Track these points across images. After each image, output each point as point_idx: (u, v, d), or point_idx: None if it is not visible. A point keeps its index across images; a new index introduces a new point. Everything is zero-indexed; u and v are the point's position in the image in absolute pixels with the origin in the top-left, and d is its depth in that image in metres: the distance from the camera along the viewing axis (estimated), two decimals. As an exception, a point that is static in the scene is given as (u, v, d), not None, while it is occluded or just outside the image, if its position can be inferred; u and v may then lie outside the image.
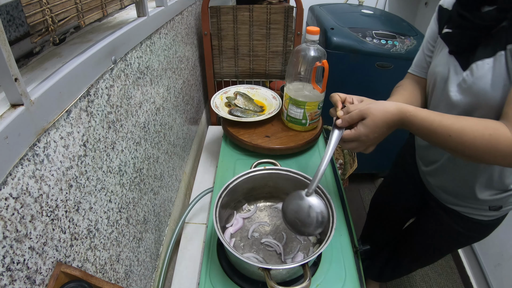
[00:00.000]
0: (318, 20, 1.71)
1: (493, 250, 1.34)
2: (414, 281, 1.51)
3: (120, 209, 0.61)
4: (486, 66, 0.58)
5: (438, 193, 0.86)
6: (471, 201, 0.78)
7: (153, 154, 0.81)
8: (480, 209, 0.79)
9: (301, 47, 0.88)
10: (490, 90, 0.58)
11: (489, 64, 0.58)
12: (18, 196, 0.35)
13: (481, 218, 0.80)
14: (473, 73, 0.60)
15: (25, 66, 0.47)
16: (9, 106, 0.35)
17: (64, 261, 0.43)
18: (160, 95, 0.85)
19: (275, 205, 0.82)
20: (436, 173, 0.83)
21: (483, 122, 0.54)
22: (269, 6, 1.18)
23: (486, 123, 0.54)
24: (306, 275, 0.55)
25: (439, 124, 0.56)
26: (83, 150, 0.48)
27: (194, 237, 0.89)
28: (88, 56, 0.48)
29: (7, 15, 0.44)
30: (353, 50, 1.46)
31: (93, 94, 0.51)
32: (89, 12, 0.49)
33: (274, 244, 0.72)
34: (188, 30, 1.13)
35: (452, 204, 0.83)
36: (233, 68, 1.31)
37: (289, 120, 0.98)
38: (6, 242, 0.33)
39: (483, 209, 0.78)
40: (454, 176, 0.78)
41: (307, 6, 1.87)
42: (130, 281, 0.66)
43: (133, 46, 0.65)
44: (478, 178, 0.72)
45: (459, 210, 0.82)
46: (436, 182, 0.85)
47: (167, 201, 0.94)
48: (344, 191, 0.90)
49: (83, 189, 0.48)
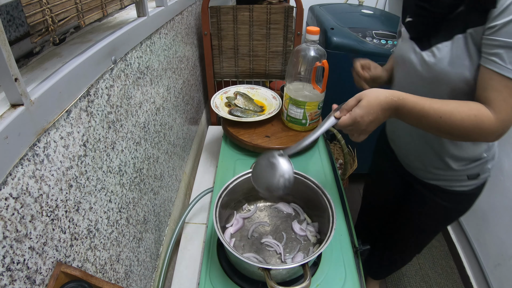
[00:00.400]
0: (318, 20, 1.71)
1: (493, 250, 1.34)
2: (414, 281, 1.51)
3: (120, 209, 0.61)
4: (445, 48, 0.64)
5: (415, 170, 0.89)
6: (448, 174, 0.81)
7: (153, 154, 0.81)
8: (459, 180, 0.81)
9: (301, 47, 0.88)
10: (450, 69, 0.64)
11: (447, 47, 0.64)
12: (18, 196, 0.35)
13: (462, 188, 0.83)
14: (435, 55, 0.66)
15: (25, 66, 0.47)
16: (9, 106, 0.35)
17: (64, 261, 0.43)
18: (160, 95, 0.85)
19: (275, 205, 0.82)
20: (409, 151, 0.88)
21: (466, 104, 0.59)
22: (269, 6, 1.18)
23: (468, 105, 0.59)
24: (306, 275, 0.55)
25: (430, 106, 0.59)
26: (83, 150, 0.48)
27: (194, 237, 0.89)
28: (88, 56, 0.48)
29: (7, 15, 0.44)
30: (353, 50, 1.46)
31: (93, 94, 0.51)
32: (89, 12, 0.49)
33: (274, 244, 0.72)
34: (188, 30, 1.13)
35: (431, 179, 0.86)
36: (233, 68, 1.31)
37: (289, 120, 0.98)
38: (6, 242, 0.33)
39: (461, 180, 0.81)
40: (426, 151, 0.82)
41: (307, 6, 1.87)
42: (130, 281, 0.66)
43: (133, 46, 0.65)
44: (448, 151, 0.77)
45: (439, 184, 0.85)
46: (411, 160, 0.88)
47: (167, 201, 0.94)
48: (344, 191, 0.90)
49: (83, 189, 0.48)
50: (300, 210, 0.80)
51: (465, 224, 1.53)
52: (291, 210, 0.81)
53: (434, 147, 0.79)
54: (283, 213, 0.80)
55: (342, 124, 0.62)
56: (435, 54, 0.67)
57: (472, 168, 0.79)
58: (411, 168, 0.91)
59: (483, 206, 1.41)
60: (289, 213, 0.80)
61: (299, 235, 0.74)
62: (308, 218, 0.79)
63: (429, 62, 0.68)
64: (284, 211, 0.81)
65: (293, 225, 0.76)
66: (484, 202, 1.40)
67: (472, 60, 0.61)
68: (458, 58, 0.63)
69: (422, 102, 0.60)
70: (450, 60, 0.64)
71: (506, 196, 1.28)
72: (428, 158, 0.82)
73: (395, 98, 0.60)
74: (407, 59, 0.74)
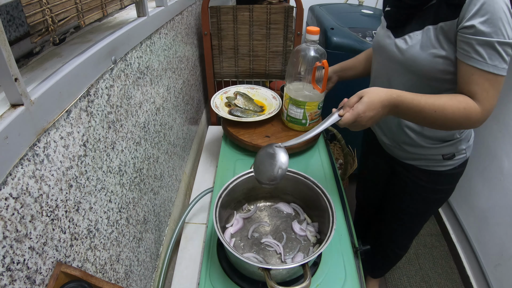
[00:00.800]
0: (318, 20, 1.71)
1: (493, 250, 1.34)
2: (414, 281, 1.51)
3: (120, 209, 0.61)
4: (416, 37, 0.71)
5: (394, 151, 0.93)
6: (423, 153, 0.85)
7: (153, 154, 0.81)
8: (434, 160, 0.85)
9: (301, 47, 0.88)
10: (419, 55, 0.70)
11: (418, 36, 0.70)
12: (18, 196, 0.35)
13: (440, 168, 0.86)
14: (407, 42, 0.73)
15: (25, 66, 0.47)
16: (9, 106, 0.35)
17: (64, 261, 0.43)
18: (160, 95, 0.85)
19: (275, 205, 0.82)
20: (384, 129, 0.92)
21: (454, 98, 0.64)
22: (269, 6, 1.18)
23: (457, 98, 0.64)
24: (306, 275, 0.55)
25: (425, 102, 0.64)
26: (83, 150, 0.48)
27: (194, 237, 0.89)
28: (88, 56, 0.48)
29: (7, 15, 0.44)
30: (353, 50, 1.45)
31: (93, 94, 0.51)
32: (89, 12, 0.49)
33: (274, 244, 0.72)
34: (188, 30, 1.13)
35: (408, 159, 0.90)
36: (233, 68, 1.31)
37: (289, 120, 0.98)
38: (6, 242, 0.33)
39: (437, 159, 0.85)
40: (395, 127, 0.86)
41: (307, 6, 1.87)
42: (130, 281, 0.66)
43: (133, 46, 0.65)
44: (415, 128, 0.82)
45: (416, 164, 0.89)
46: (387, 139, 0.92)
47: (167, 201, 0.94)
48: (344, 191, 0.90)
49: (83, 189, 0.48)
50: (300, 210, 0.80)
51: (465, 224, 1.53)
52: (291, 210, 0.80)
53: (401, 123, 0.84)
54: (283, 213, 0.80)
55: (346, 121, 0.65)
56: (407, 41, 0.73)
57: (445, 147, 0.82)
58: (390, 151, 0.95)
59: (483, 206, 1.41)
60: (289, 213, 0.80)
61: (299, 235, 0.74)
62: (308, 218, 0.79)
63: (401, 48, 0.74)
64: (284, 211, 0.81)
65: (293, 225, 0.76)
66: (484, 202, 1.40)
67: (440, 48, 0.68)
68: (427, 46, 0.69)
69: (418, 98, 0.64)
70: (420, 47, 0.70)
71: (506, 196, 1.28)
72: (396, 134, 0.87)
73: (394, 95, 0.64)
74: (383, 45, 0.80)
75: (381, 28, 0.83)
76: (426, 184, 0.91)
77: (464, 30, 0.62)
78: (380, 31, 0.84)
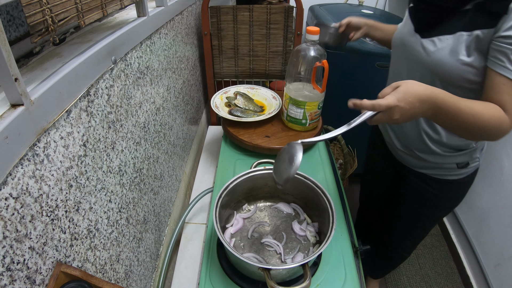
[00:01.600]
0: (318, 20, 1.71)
1: (493, 250, 1.34)
2: (414, 281, 1.51)
3: (120, 209, 0.61)
4: (446, 41, 0.67)
5: (406, 159, 0.91)
6: (437, 162, 0.83)
7: (153, 154, 0.81)
8: (448, 169, 0.83)
9: (301, 47, 0.88)
10: (447, 60, 0.67)
11: (448, 40, 0.67)
12: (18, 196, 0.35)
13: (453, 177, 0.85)
14: (435, 44, 0.69)
15: (25, 66, 0.47)
16: (9, 106, 0.35)
17: (64, 261, 0.43)
18: (160, 95, 0.85)
19: (275, 205, 0.82)
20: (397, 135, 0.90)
21: (488, 105, 0.61)
22: (269, 6, 1.18)
23: (490, 106, 0.61)
24: (306, 275, 0.55)
25: (465, 105, 0.59)
26: (83, 150, 0.48)
27: (194, 237, 0.89)
28: (88, 56, 0.48)
29: (7, 15, 0.44)
30: (353, 50, 1.45)
31: (93, 94, 0.51)
32: (89, 12, 0.49)
33: (274, 244, 0.72)
34: (188, 30, 1.13)
35: (421, 168, 0.88)
36: (233, 68, 1.31)
37: (289, 120, 0.98)
38: (6, 242, 0.33)
39: (451, 168, 0.83)
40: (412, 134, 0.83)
41: (307, 6, 1.87)
42: (130, 281, 0.66)
43: (133, 46, 0.65)
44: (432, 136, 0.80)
45: (430, 173, 0.87)
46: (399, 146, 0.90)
47: (167, 201, 0.94)
48: (344, 191, 0.90)
49: (83, 189, 0.48)
50: (300, 210, 0.80)
51: (465, 224, 1.53)
52: (291, 210, 0.81)
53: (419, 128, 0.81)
54: (283, 213, 0.80)
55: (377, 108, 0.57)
56: (435, 44, 0.69)
57: (460, 156, 0.80)
58: (400, 157, 0.93)
59: (483, 206, 1.41)
60: (289, 213, 0.80)
61: (299, 235, 0.74)
62: (308, 218, 0.79)
63: (428, 49, 0.70)
64: (284, 211, 0.81)
65: (293, 225, 0.76)
66: (484, 202, 1.40)
67: (470, 56, 0.64)
68: (456, 52, 0.66)
69: (457, 99, 0.59)
70: (449, 52, 0.66)
71: (506, 196, 1.28)
72: (412, 140, 0.84)
73: (435, 91, 0.58)
74: (407, 43, 0.76)
75: (404, 25, 0.80)
76: (438, 193, 0.89)
77: (500, 39, 0.59)
78: (403, 27, 0.80)
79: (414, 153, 0.86)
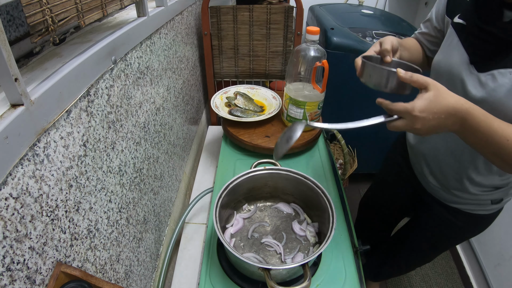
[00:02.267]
0: (318, 20, 1.71)
1: (493, 250, 1.34)
2: (414, 281, 1.51)
3: (120, 209, 0.61)
4: (508, 75, 0.57)
5: (438, 192, 0.85)
6: (472, 198, 0.78)
7: (153, 154, 0.81)
8: (482, 205, 0.79)
9: (301, 47, 0.88)
10: (507, 97, 0.56)
11: (511, 74, 0.56)
12: (18, 196, 0.35)
13: (484, 212, 0.80)
14: (496, 79, 0.58)
15: (25, 66, 0.47)
16: (9, 106, 0.35)
17: (64, 261, 0.43)
18: (160, 95, 0.85)
19: (275, 205, 0.82)
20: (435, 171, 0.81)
21: None
22: (269, 6, 1.18)
23: None
24: (306, 275, 0.55)
25: (498, 125, 0.51)
26: (83, 150, 0.48)
27: (194, 237, 0.89)
28: (88, 56, 0.48)
29: (7, 15, 0.44)
30: (353, 50, 1.46)
31: (93, 94, 0.51)
32: (89, 12, 0.49)
33: (274, 244, 0.72)
34: (188, 30, 1.13)
35: (453, 203, 0.83)
36: (233, 68, 1.31)
37: (289, 120, 0.98)
38: (6, 242, 0.33)
39: (485, 204, 0.78)
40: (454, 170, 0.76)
41: (307, 6, 1.87)
42: (130, 281, 0.66)
43: (133, 46, 0.65)
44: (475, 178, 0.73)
45: (461, 208, 0.82)
46: (436, 181, 0.83)
47: (167, 201, 0.94)
48: (344, 191, 0.90)
49: (83, 189, 0.48)
50: (300, 210, 0.80)
51: (465, 224, 1.53)
52: (291, 210, 0.81)
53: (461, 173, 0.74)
54: (283, 213, 0.80)
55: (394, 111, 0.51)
56: (496, 78, 0.58)
57: (497, 193, 0.76)
58: (431, 189, 0.86)
59: (483, 206, 1.41)
60: (289, 213, 0.80)
61: (299, 235, 0.74)
62: (308, 218, 0.79)
63: (487, 85, 0.60)
64: (284, 211, 0.81)
65: (293, 225, 0.76)
66: (484, 202, 1.40)
67: None
68: None
69: (491, 118, 0.51)
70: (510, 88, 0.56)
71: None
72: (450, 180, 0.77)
73: (466, 104, 0.50)
74: (458, 75, 0.65)
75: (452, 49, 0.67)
76: (463, 225, 0.85)
77: None
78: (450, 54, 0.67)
79: (448, 190, 0.80)
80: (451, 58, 0.67)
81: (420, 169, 0.87)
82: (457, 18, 0.68)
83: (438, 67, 0.71)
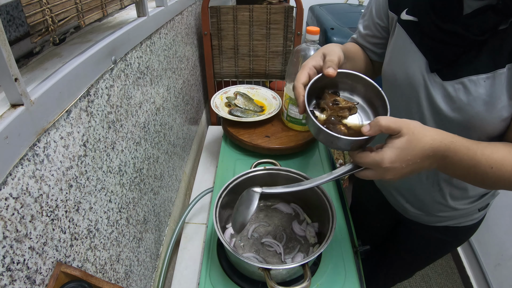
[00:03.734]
0: (318, 20, 1.71)
1: (493, 250, 1.34)
2: (414, 281, 1.51)
3: (120, 209, 0.62)
4: (482, 83, 0.49)
5: (420, 218, 0.78)
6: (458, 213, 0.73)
7: (153, 154, 0.81)
8: (469, 215, 0.74)
9: (301, 47, 0.88)
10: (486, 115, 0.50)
11: (486, 81, 0.48)
12: (18, 196, 0.35)
13: (472, 222, 0.76)
14: (468, 91, 0.50)
15: (25, 66, 0.47)
16: (9, 106, 0.35)
17: (64, 261, 0.43)
18: (160, 95, 0.85)
19: (275, 205, 0.82)
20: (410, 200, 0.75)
21: None
22: (269, 6, 1.18)
23: None
24: (306, 275, 0.55)
25: (482, 154, 0.46)
26: (83, 150, 0.48)
27: (194, 237, 0.89)
28: (88, 56, 0.48)
29: (7, 15, 0.44)
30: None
31: (93, 94, 0.51)
32: (89, 12, 0.49)
33: (274, 244, 0.72)
34: (188, 30, 1.13)
35: (437, 222, 0.76)
36: (233, 68, 1.31)
37: (289, 120, 0.98)
38: (6, 242, 0.33)
39: (472, 213, 0.74)
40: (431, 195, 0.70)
41: (307, 6, 1.87)
42: (130, 281, 0.66)
43: (133, 46, 0.65)
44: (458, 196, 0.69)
45: (447, 224, 0.76)
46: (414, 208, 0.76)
47: (167, 201, 0.94)
48: (344, 191, 0.90)
49: (83, 189, 0.48)
50: (300, 210, 0.80)
51: (465, 224, 1.53)
52: (291, 210, 0.81)
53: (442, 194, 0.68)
54: (283, 213, 0.80)
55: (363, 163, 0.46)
56: (468, 90, 0.50)
57: (483, 200, 0.71)
58: (410, 215, 0.79)
59: (483, 206, 1.41)
60: (289, 213, 0.80)
61: (299, 235, 0.74)
62: (308, 218, 0.79)
63: (457, 100, 0.51)
64: (284, 211, 0.81)
65: (293, 225, 0.76)
66: (484, 202, 1.40)
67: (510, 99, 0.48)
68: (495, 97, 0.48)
69: (474, 148, 0.46)
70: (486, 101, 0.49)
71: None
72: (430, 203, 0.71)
73: (445, 140, 0.44)
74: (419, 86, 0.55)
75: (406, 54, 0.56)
76: (453, 240, 0.81)
77: None
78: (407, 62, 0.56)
79: (430, 213, 0.73)
80: (408, 67, 0.56)
81: (394, 200, 0.80)
82: (404, 14, 0.56)
83: (393, 79, 0.60)
